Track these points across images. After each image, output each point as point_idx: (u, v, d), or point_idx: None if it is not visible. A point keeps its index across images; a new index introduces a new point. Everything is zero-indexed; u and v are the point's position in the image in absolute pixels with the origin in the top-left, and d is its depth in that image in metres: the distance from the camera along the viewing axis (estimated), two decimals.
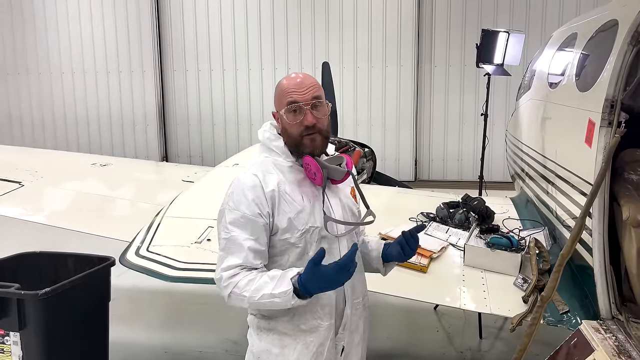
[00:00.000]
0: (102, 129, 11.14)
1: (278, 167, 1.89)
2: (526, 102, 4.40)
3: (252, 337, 1.95)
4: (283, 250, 1.86)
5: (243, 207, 1.79)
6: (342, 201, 1.98)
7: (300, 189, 1.87)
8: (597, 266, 2.44)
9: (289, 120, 1.85)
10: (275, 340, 1.89)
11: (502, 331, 4.33)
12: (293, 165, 1.89)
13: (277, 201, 1.81)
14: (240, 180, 1.85)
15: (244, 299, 1.74)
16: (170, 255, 2.59)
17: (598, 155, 2.43)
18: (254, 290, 1.72)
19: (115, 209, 3.65)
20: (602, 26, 2.89)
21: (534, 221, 3.47)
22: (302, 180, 1.89)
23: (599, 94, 2.50)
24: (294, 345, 1.87)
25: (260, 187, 1.81)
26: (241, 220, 1.78)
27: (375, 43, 9.89)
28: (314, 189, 1.89)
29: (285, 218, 1.82)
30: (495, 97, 8.81)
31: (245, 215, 1.78)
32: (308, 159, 1.85)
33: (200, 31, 10.46)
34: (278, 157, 1.90)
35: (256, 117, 10.52)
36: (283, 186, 1.84)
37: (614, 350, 2.13)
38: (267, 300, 1.71)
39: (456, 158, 9.99)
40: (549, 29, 7.89)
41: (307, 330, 1.88)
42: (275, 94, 1.91)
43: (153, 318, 4.73)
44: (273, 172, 1.86)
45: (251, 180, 1.82)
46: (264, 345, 1.90)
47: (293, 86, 1.85)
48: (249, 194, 1.80)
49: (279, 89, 1.89)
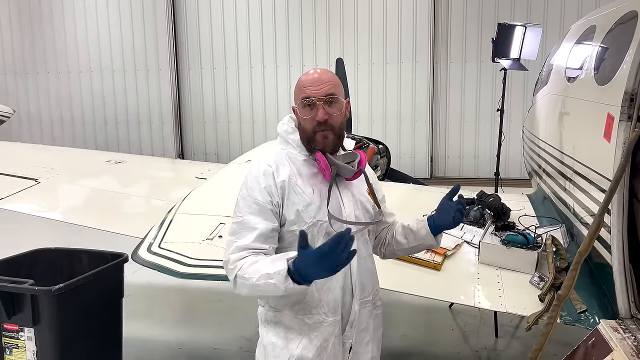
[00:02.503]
0: (119, 127, 11.26)
1: (292, 159, 1.92)
2: (543, 97, 4.32)
3: (261, 328, 1.98)
4: (291, 242, 1.84)
5: (255, 192, 1.82)
6: (355, 198, 1.95)
7: (313, 182, 1.89)
8: (615, 264, 2.38)
9: (302, 115, 1.88)
10: (281, 334, 1.90)
11: (518, 330, 4.27)
12: (307, 159, 1.92)
13: (287, 192, 1.84)
14: (254, 171, 1.89)
15: (246, 282, 1.70)
16: (181, 251, 2.59)
17: (617, 150, 2.36)
18: (254, 271, 1.69)
19: (130, 206, 3.67)
20: (622, 18, 2.81)
21: (551, 218, 3.40)
22: (315, 174, 1.90)
23: (618, 87, 2.43)
24: (299, 339, 1.88)
25: (272, 176, 1.85)
26: (253, 206, 1.81)
27: (391, 40, 9.82)
28: (326, 183, 1.88)
29: (294, 209, 1.83)
30: (512, 92, 8.70)
31: (258, 201, 1.81)
32: (319, 155, 1.87)
33: (215, 29, 10.50)
34: (293, 150, 1.94)
35: (271, 115, 10.53)
36: (294, 178, 1.87)
37: (633, 350, 2.08)
38: (264, 281, 1.64)
39: (472, 155, 9.89)
40: (567, 22, 7.75)
41: (312, 325, 1.88)
42: (295, 89, 1.95)
43: (168, 314, 4.76)
44: (286, 164, 1.89)
45: (264, 169, 1.86)
46: (270, 338, 1.91)
47: (309, 82, 1.87)
48: (261, 181, 1.84)
49: (298, 84, 1.93)
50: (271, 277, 1.62)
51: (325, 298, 1.88)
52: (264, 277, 1.64)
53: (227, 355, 4.04)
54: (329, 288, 1.87)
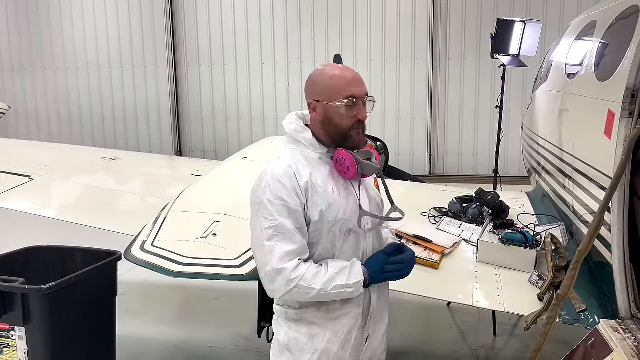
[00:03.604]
0: (117, 123, 11.22)
1: (308, 159, 1.90)
2: (543, 94, 4.28)
3: (281, 326, 1.95)
4: (313, 243, 1.86)
5: (283, 195, 1.79)
6: (369, 194, 2.00)
7: (330, 180, 1.88)
8: (616, 263, 2.34)
9: (344, 113, 1.85)
10: (304, 329, 1.89)
11: (517, 329, 4.24)
12: (322, 157, 1.91)
13: (310, 193, 1.83)
14: (274, 172, 1.84)
15: (311, 291, 1.76)
16: (174, 250, 2.55)
17: (618, 147, 2.33)
18: (325, 282, 1.76)
19: (124, 203, 3.63)
20: (622, 13, 2.77)
21: (550, 216, 3.37)
22: (331, 171, 1.90)
23: (619, 83, 2.39)
24: (323, 333, 1.89)
25: (295, 177, 1.82)
26: (283, 209, 1.78)
27: (390, 36, 9.78)
28: (342, 181, 1.90)
29: (318, 210, 1.82)
30: (512, 90, 8.66)
31: (287, 204, 1.78)
32: (343, 152, 1.86)
33: (213, 26, 10.45)
34: (306, 149, 1.91)
35: (269, 112, 10.49)
36: (315, 178, 1.85)
37: (633, 351, 2.04)
38: (339, 290, 1.78)
39: (471, 152, 9.86)
40: (567, 18, 7.70)
41: (336, 319, 1.90)
42: (321, 84, 1.89)
43: (164, 313, 4.73)
44: (305, 164, 1.87)
45: (285, 171, 1.83)
46: (292, 334, 1.91)
47: (350, 81, 1.87)
48: (286, 183, 1.80)
49: (330, 81, 1.87)
50: (349, 287, 1.80)
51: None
52: (341, 287, 1.79)
53: (223, 353, 4.01)
54: None
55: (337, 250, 1.86)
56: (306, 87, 1.95)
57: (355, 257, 1.89)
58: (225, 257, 2.53)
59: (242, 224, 2.79)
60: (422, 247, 2.89)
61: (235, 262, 2.50)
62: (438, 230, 3.17)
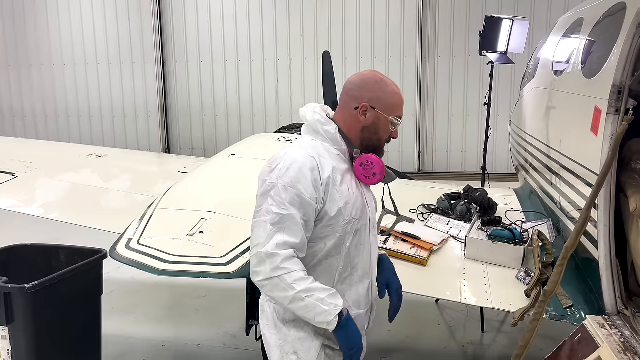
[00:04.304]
0: (104, 121, 11.11)
1: (329, 153, 1.87)
2: (530, 91, 4.30)
3: (279, 331, 1.90)
4: (322, 238, 1.84)
5: (301, 187, 1.75)
6: (372, 196, 2.04)
7: (346, 178, 1.88)
8: (602, 259, 2.36)
9: (387, 128, 1.92)
10: (305, 327, 1.87)
11: (504, 325, 4.26)
12: (340, 155, 1.90)
13: (330, 188, 1.81)
14: (298, 159, 1.79)
15: (290, 290, 1.71)
16: (160, 248, 2.52)
17: (604, 144, 2.34)
18: (306, 289, 1.71)
19: (110, 201, 3.58)
20: (610, 10, 2.78)
21: (537, 213, 3.38)
22: (346, 170, 1.89)
23: (605, 80, 2.40)
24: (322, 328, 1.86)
25: (318, 170, 1.79)
26: (296, 199, 1.74)
27: (378, 34, 9.77)
28: (354, 182, 1.91)
29: (336, 206, 1.81)
30: (500, 87, 8.69)
31: (303, 195, 1.74)
32: (374, 158, 1.89)
33: (202, 22, 10.37)
34: (325, 142, 1.89)
35: (258, 109, 10.45)
36: (336, 174, 1.83)
37: (619, 346, 2.05)
38: (314, 301, 1.72)
39: (460, 149, 9.89)
40: (554, 15, 7.74)
41: None
42: (384, 94, 1.90)
43: (152, 311, 4.69)
44: (327, 157, 1.84)
45: (310, 161, 1.79)
46: (294, 334, 1.88)
47: (401, 102, 1.95)
48: (308, 174, 1.76)
49: (394, 96, 1.92)
50: (325, 303, 1.73)
51: (349, 293, 1.93)
52: (317, 299, 1.72)
53: (211, 352, 3.98)
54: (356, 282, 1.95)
55: (345, 248, 1.87)
56: (358, 89, 1.91)
57: (361, 253, 1.92)
58: (212, 255, 2.51)
59: (229, 221, 2.79)
60: (410, 244, 2.89)
61: (222, 260, 2.48)
62: (426, 227, 3.17)
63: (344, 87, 1.96)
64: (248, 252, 2.58)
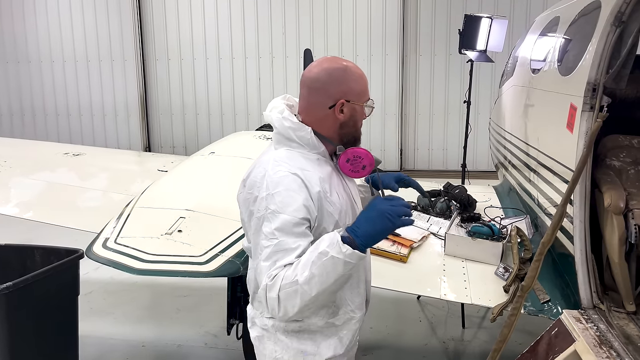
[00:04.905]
0: (83, 119, 10.94)
1: (309, 161, 1.70)
2: (508, 89, 4.34)
3: (279, 341, 1.78)
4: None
5: (290, 209, 1.58)
6: (358, 189, 1.96)
7: (332, 184, 1.72)
8: (578, 254, 2.39)
9: (363, 115, 1.78)
10: (308, 340, 1.77)
11: (484, 320, 4.30)
12: (320, 158, 1.74)
13: (323, 203, 1.66)
14: (280, 182, 1.61)
15: (296, 287, 1.50)
16: (138, 247, 2.49)
17: (580, 140, 2.37)
18: (302, 267, 1.51)
19: (87, 200, 3.52)
20: (585, 8, 2.82)
21: (516, 209, 3.42)
22: (330, 173, 1.74)
23: (580, 77, 2.44)
24: (328, 341, 1.79)
25: (305, 187, 1.61)
26: (289, 225, 1.57)
27: (360, 32, 9.78)
28: (341, 183, 1.78)
29: (332, 220, 1.67)
30: (480, 85, 8.78)
31: (294, 218, 1.58)
32: (361, 150, 1.73)
33: (182, 19, 10.26)
34: (301, 149, 1.71)
35: (240, 107, 10.38)
36: (324, 185, 1.68)
37: (595, 340, 2.08)
38: (318, 265, 1.48)
39: (441, 147, 9.96)
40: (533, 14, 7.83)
41: (341, 326, 1.82)
42: (353, 83, 1.74)
43: (131, 311, 4.63)
44: (309, 169, 1.67)
45: (294, 181, 1.61)
46: (295, 346, 1.77)
47: (367, 80, 1.80)
48: (295, 196, 1.59)
49: (361, 80, 1.76)
50: (326, 254, 1.49)
51: (350, 296, 1.83)
52: (317, 259, 1.49)
53: (191, 352, 3.95)
54: (357, 284, 1.84)
55: None
56: (327, 85, 1.71)
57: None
58: (190, 254, 2.48)
59: (208, 219, 2.77)
60: (390, 240, 2.89)
61: (201, 258, 2.46)
62: None
63: (307, 85, 1.73)
64: (227, 250, 2.58)
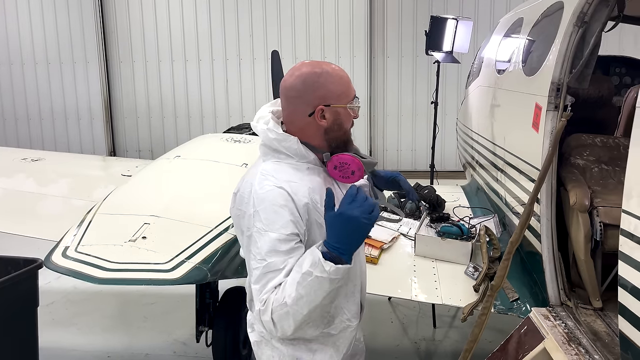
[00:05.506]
0: (44, 123, 10.61)
1: (299, 171, 1.66)
2: (475, 90, 4.39)
3: (275, 348, 1.74)
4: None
5: (277, 226, 1.55)
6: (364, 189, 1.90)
7: (323, 193, 1.65)
8: (545, 252, 2.42)
9: (349, 116, 1.71)
10: (303, 348, 1.74)
11: (455, 320, 4.33)
12: (310, 167, 1.70)
13: (311, 215, 1.62)
14: (266, 197, 1.58)
15: (287, 308, 1.49)
16: (100, 255, 2.40)
17: (545, 140, 2.40)
18: (289, 288, 1.49)
19: (46, 207, 3.39)
20: (548, 9, 2.87)
21: (484, 209, 3.45)
22: (322, 182, 1.70)
23: (545, 77, 2.47)
24: (324, 350, 1.76)
25: (292, 201, 1.58)
26: (277, 243, 1.54)
27: (328, 34, 9.78)
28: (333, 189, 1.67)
29: (322, 232, 1.61)
30: (447, 86, 8.88)
31: (281, 236, 1.55)
32: (346, 157, 1.68)
33: (147, 20, 10.07)
34: (290, 159, 1.67)
35: (208, 109, 10.25)
36: (313, 195, 1.63)
37: (563, 337, 2.10)
38: (304, 285, 1.47)
39: (410, 148, 10.04)
40: (497, 15, 7.98)
41: (337, 335, 1.78)
42: (332, 85, 1.66)
43: (96, 321, 4.48)
44: (298, 181, 1.63)
45: (278, 195, 1.58)
46: (291, 353, 1.73)
47: (349, 80, 1.71)
48: (281, 211, 1.56)
49: (341, 81, 1.68)
50: (309, 274, 1.46)
51: (346, 304, 1.79)
52: (302, 279, 1.47)
53: None
54: (353, 292, 1.80)
55: None
56: (303, 93, 1.65)
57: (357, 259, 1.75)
58: (155, 261, 2.41)
59: (174, 225, 2.69)
60: None
61: (166, 265, 2.38)
62: (376, 225, 3.16)
63: (284, 95, 1.70)
64: (194, 256, 2.52)
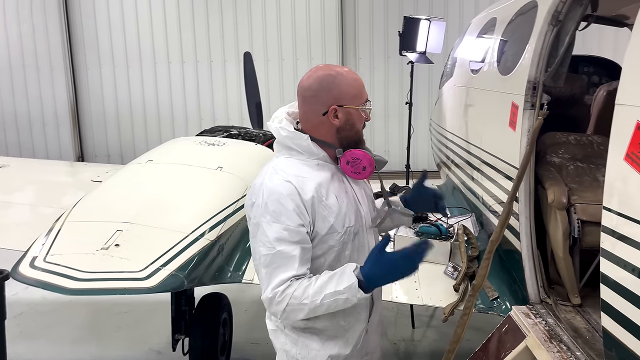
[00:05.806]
0: (8, 130, 10.28)
1: (308, 167, 1.77)
2: (449, 90, 4.41)
3: (287, 336, 1.86)
4: (320, 255, 1.77)
5: (284, 218, 1.67)
6: (363, 193, 1.95)
7: (332, 188, 1.77)
8: (524, 250, 2.43)
9: (361, 118, 1.81)
10: (314, 337, 1.83)
11: (433, 319, 4.34)
12: (320, 163, 1.79)
13: (317, 207, 1.71)
14: (274, 190, 1.69)
15: (304, 307, 1.65)
16: (71, 264, 2.30)
17: (522, 138, 2.41)
18: (313, 294, 1.64)
19: (12, 216, 3.26)
20: (522, 9, 2.89)
21: (461, 208, 3.46)
22: (330, 177, 1.79)
23: (521, 76, 2.48)
24: (334, 340, 1.84)
25: (297, 194, 1.69)
26: (284, 233, 1.66)
27: (300, 35, 9.75)
28: (343, 185, 1.82)
29: (327, 224, 1.73)
30: (419, 87, 8.90)
31: (288, 227, 1.67)
32: (359, 152, 1.78)
33: (114, 24, 9.85)
34: (300, 155, 1.78)
35: (179, 113, 10.08)
36: (320, 190, 1.73)
37: (545, 335, 2.11)
38: (331, 299, 1.63)
39: (383, 149, 10.06)
40: (467, 16, 8.07)
41: (346, 326, 1.85)
42: (347, 87, 1.76)
43: (67, 332, 4.33)
44: (306, 176, 1.74)
45: (286, 188, 1.69)
46: (302, 341, 1.84)
47: (362, 84, 1.82)
48: (287, 203, 1.67)
49: (355, 83, 1.78)
50: (341, 293, 1.63)
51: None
52: (331, 295, 1.63)
53: None
54: None
55: (345, 256, 1.79)
56: (318, 93, 1.76)
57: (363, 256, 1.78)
58: (129, 270, 2.32)
59: (148, 232, 2.61)
60: None
61: (141, 274, 2.30)
62: None
63: (301, 95, 1.81)
64: (170, 263, 2.44)
